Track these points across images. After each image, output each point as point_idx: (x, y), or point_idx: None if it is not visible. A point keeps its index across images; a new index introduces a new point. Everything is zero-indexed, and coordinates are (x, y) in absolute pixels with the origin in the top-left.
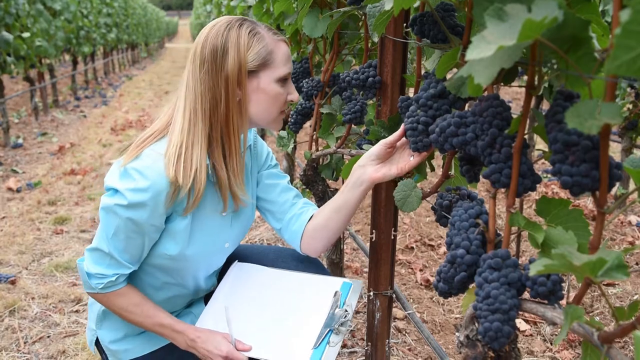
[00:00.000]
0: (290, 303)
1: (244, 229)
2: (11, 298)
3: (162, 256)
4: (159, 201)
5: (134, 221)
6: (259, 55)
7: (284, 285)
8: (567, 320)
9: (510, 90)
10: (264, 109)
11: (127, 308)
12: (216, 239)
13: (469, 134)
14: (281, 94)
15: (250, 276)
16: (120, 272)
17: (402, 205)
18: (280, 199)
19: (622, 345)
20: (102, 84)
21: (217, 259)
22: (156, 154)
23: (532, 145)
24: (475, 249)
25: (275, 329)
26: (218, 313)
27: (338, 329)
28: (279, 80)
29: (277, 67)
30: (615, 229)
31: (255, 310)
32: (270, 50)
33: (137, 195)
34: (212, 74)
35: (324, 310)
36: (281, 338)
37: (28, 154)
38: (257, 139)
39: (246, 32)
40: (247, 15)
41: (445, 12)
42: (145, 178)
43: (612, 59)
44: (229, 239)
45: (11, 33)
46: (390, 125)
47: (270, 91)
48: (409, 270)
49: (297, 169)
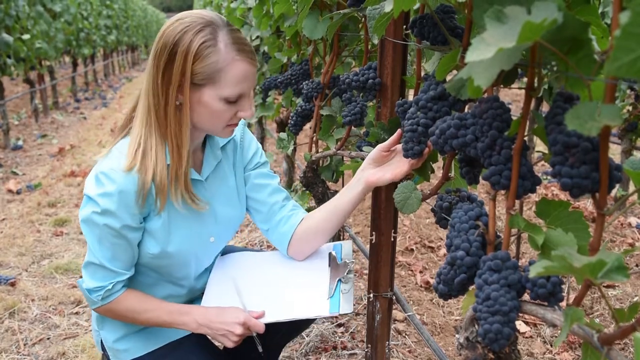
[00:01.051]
0: (288, 272)
1: (233, 224)
2: (11, 300)
3: (146, 255)
4: (129, 202)
5: (110, 227)
6: (205, 70)
7: (276, 260)
8: (567, 322)
9: (510, 92)
10: (206, 120)
11: (133, 309)
12: (198, 234)
13: (469, 136)
14: (225, 111)
15: (238, 260)
16: (116, 280)
17: (402, 207)
18: (270, 200)
19: (622, 347)
20: (102, 86)
21: (204, 254)
22: (119, 153)
23: (532, 147)
24: (475, 250)
25: (283, 295)
26: (219, 294)
27: (346, 277)
28: (224, 99)
29: (224, 87)
30: (615, 230)
31: (256, 283)
32: (219, 68)
33: (106, 201)
34: (157, 70)
35: (325, 268)
36: (293, 299)
37: (28, 156)
38: (246, 133)
39: (200, 41)
40: (247, 18)
41: (445, 14)
42: (112, 182)
43: (611, 61)
44: (214, 234)
45: (11, 35)
46: (390, 127)
47: (213, 108)
48: (409, 272)
49: (297, 170)
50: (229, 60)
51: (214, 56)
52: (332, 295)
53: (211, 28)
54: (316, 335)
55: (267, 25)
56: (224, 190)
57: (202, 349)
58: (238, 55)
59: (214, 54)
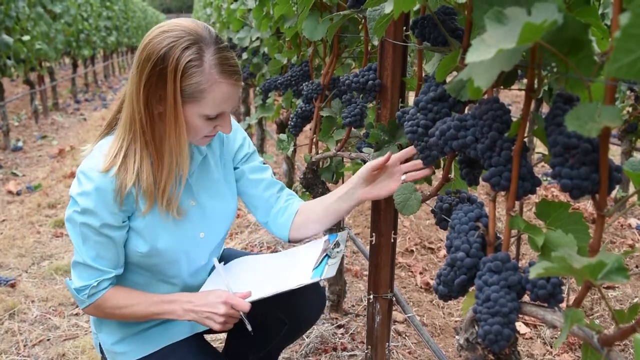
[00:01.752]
0: (280, 265)
1: (224, 218)
2: (11, 301)
3: (136, 254)
4: (106, 200)
5: (90, 225)
6: (187, 89)
7: (270, 257)
8: (567, 323)
9: (510, 94)
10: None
11: (119, 305)
12: (186, 232)
13: (469, 137)
14: (204, 127)
15: (237, 263)
16: (102, 278)
17: (402, 208)
18: (265, 194)
19: (622, 348)
20: (102, 87)
21: (195, 251)
22: (99, 153)
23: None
24: (475, 251)
25: (270, 277)
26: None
27: (333, 251)
28: (203, 116)
29: (205, 106)
30: (615, 231)
31: (246, 275)
32: (202, 89)
33: (84, 199)
34: (139, 80)
35: (316, 254)
36: (279, 277)
37: (28, 157)
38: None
39: (187, 59)
40: (247, 19)
41: (446, 16)
42: (89, 180)
43: (611, 62)
44: (204, 229)
45: (11, 36)
46: (390, 128)
47: (192, 123)
48: (409, 273)
49: (297, 171)
50: (212, 82)
51: (198, 76)
52: (316, 267)
53: (198, 46)
54: (316, 337)
55: (267, 27)
56: (211, 184)
57: (200, 351)
58: (221, 77)
59: (198, 74)
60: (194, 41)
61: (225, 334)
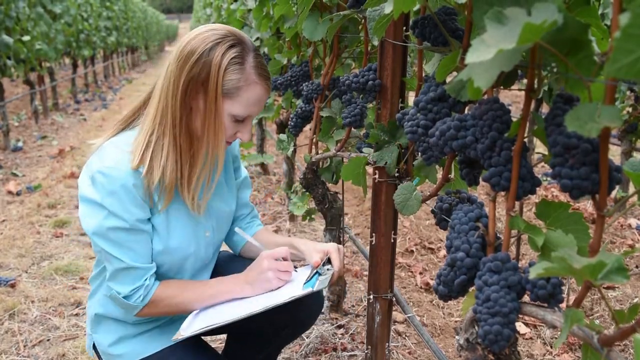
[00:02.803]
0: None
1: (226, 219)
2: (11, 301)
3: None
4: (135, 196)
5: (120, 228)
6: (227, 84)
7: None
8: (567, 324)
9: (510, 94)
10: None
11: (174, 293)
12: (197, 229)
13: (469, 137)
14: (229, 129)
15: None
16: (147, 275)
17: (402, 209)
18: (238, 212)
19: (622, 349)
20: (102, 87)
21: (201, 249)
22: (115, 149)
23: (532, 148)
24: (475, 252)
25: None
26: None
27: (323, 269)
28: (232, 116)
29: (236, 104)
30: (615, 231)
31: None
32: (239, 86)
33: (111, 200)
34: (180, 73)
35: (306, 271)
36: (271, 293)
37: (28, 157)
38: None
39: (231, 55)
40: (247, 19)
41: (447, 16)
42: (112, 179)
43: (611, 62)
44: (209, 228)
45: (11, 36)
46: (390, 128)
47: None
48: (409, 274)
49: (297, 172)
50: (250, 81)
51: (238, 74)
52: (307, 282)
53: (241, 47)
54: (316, 337)
55: (267, 27)
56: (216, 185)
57: (199, 352)
58: (258, 79)
59: (239, 72)
60: (239, 42)
61: (225, 335)
